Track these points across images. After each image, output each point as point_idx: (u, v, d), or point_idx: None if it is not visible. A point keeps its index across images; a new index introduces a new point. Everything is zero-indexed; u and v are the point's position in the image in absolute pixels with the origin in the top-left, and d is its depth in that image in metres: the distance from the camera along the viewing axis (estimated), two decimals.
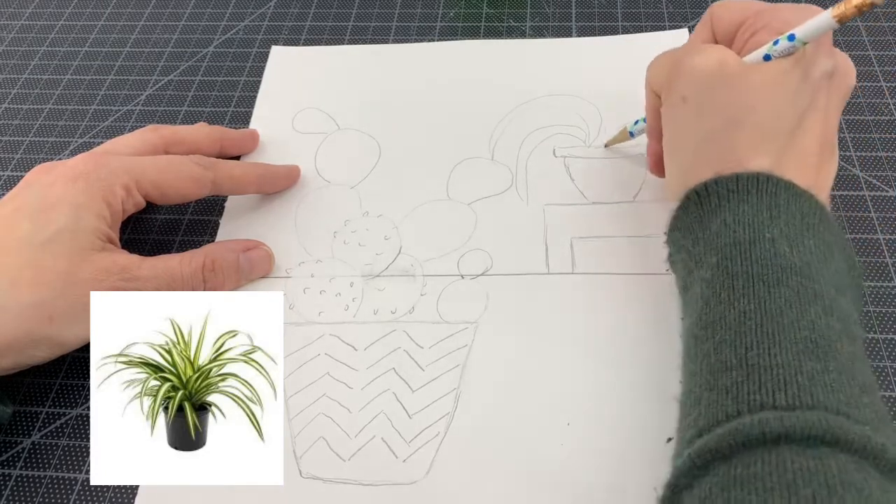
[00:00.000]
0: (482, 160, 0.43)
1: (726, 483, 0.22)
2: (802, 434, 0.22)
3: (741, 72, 0.30)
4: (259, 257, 0.39)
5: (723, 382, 0.25)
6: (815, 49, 0.30)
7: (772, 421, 0.22)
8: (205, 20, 0.54)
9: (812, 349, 0.24)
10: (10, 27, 0.56)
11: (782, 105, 0.30)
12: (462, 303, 0.37)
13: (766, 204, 0.28)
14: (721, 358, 0.25)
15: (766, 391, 0.23)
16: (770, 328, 0.25)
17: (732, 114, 0.30)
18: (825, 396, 0.23)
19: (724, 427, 0.23)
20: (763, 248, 0.27)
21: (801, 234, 0.27)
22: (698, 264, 0.29)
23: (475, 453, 0.32)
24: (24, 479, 0.34)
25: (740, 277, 0.26)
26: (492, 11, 0.53)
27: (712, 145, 0.30)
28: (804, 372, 0.24)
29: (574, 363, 0.35)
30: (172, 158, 0.38)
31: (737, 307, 0.26)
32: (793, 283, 0.26)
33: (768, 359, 0.24)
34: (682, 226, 0.31)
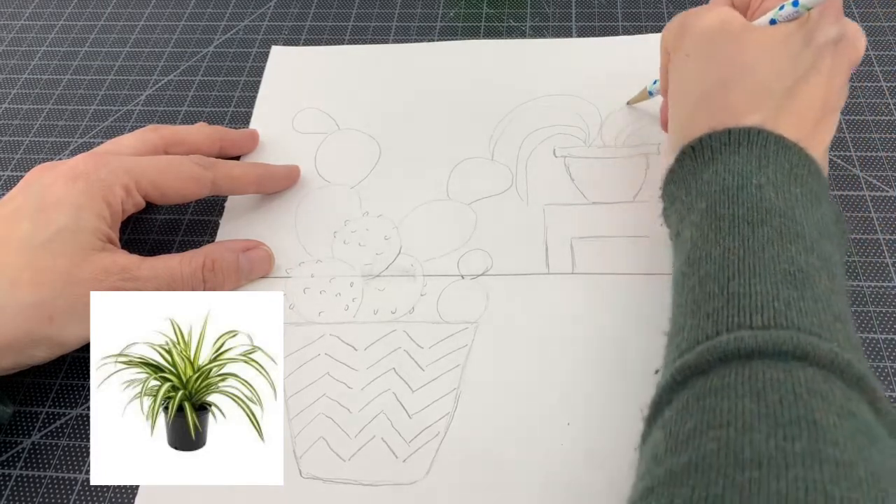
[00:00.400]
0: (482, 160, 0.43)
1: (702, 393, 0.24)
2: (774, 349, 0.23)
3: (743, 31, 0.32)
4: (259, 257, 0.39)
5: (705, 309, 0.26)
6: (820, 15, 0.31)
7: (746, 338, 0.24)
8: (205, 20, 0.54)
9: (790, 280, 0.26)
10: (10, 27, 0.56)
11: (781, 66, 0.31)
12: (462, 303, 0.37)
13: (755, 154, 0.29)
14: (705, 289, 0.27)
15: (745, 314, 0.25)
16: (752, 262, 0.26)
17: (731, 71, 0.31)
18: (799, 319, 0.24)
19: (703, 345, 0.25)
20: (749, 192, 0.28)
21: (788, 182, 0.29)
22: (689, 210, 0.30)
23: (475, 453, 0.32)
24: (24, 479, 0.34)
25: (726, 219, 0.28)
26: (492, 11, 0.53)
27: (710, 100, 0.32)
28: (781, 298, 0.25)
29: (574, 363, 0.35)
30: (172, 158, 0.38)
31: (722, 244, 0.27)
32: (776, 223, 0.27)
33: (748, 287, 0.26)
34: (677, 179, 0.32)
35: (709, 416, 0.23)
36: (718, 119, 0.31)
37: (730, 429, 0.22)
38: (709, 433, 0.22)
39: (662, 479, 0.22)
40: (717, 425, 0.22)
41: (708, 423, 0.23)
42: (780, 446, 0.21)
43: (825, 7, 0.32)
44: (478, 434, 0.33)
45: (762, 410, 0.22)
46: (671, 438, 0.23)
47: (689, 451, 0.22)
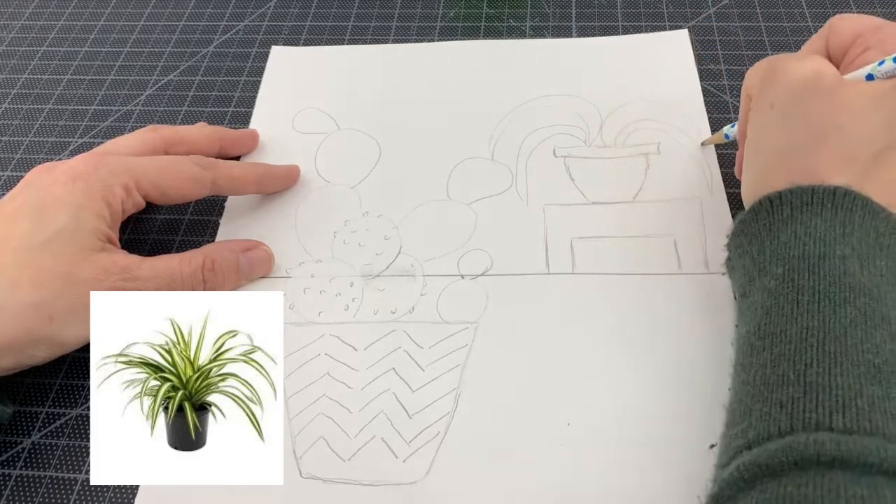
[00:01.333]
0: (482, 160, 0.43)
1: (774, 501, 0.21)
2: (858, 460, 0.21)
3: (835, 86, 0.29)
4: (259, 257, 0.39)
5: (777, 396, 0.24)
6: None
7: (828, 443, 0.22)
8: (205, 20, 0.54)
9: (874, 374, 0.23)
10: (10, 27, 0.56)
11: (872, 128, 0.29)
12: (462, 303, 0.37)
13: (839, 219, 0.27)
14: (778, 371, 0.24)
15: (824, 411, 0.23)
16: (832, 348, 0.24)
17: (818, 129, 0.29)
18: (884, 423, 0.22)
19: (776, 442, 0.23)
20: (832, 264, 0.26)
21: (874, 253, 0.26)
22: (762, 272, 0.28)
23: (475, 453, 0.32)
24: (24, 479, 0.34)
25: (806, 292, 0.26)
26: (492, 11, 0.53)
27: (792, 157, 0.30)
28: (865, 396, 0.23)
29: (574, 363, 0.35)
30: (172, 159, 0.38)
31: (800, 322, 0.25)
32: (860, 304, 0.25)
33: (828, 378, 0.23)
34: (749, 231, 0.30)
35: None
36: (800, 177, 0.29)
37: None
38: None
39: None
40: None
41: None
42: None
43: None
44: (478, 434, 0.33)
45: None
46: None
47: None
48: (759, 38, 0.49)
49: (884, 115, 0.29)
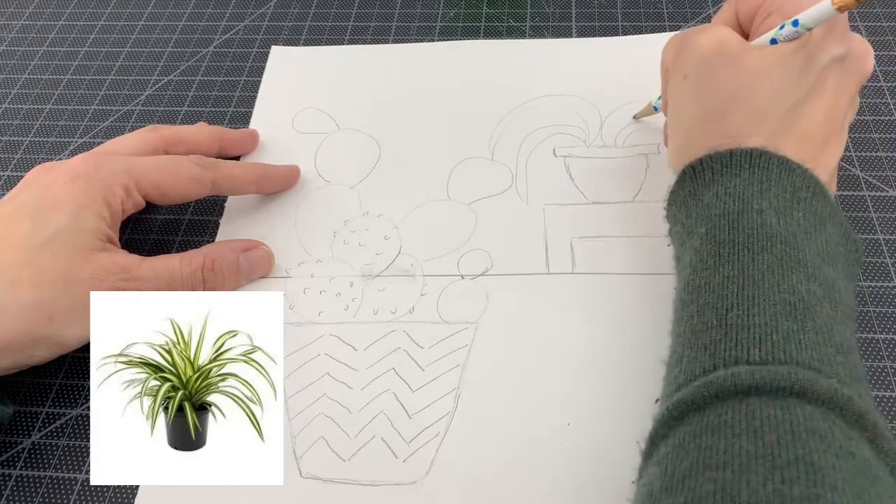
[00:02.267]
0: (482, 160, 0.43)
1: (698, 430, 0.23)
2: (771, 385, 0.23)
3: (741, 53, 0.31)
4: (259, 257, 0.39)
5: (702, 341, 0.26)
6: (823, 34, 0.30)
7: (743, 374, 0.23)
8: (205, 20, 0.54)
9: (790, 311, 0.25)
10: (10, 27, 0.56)
11: (780, 87, 0.30)
12: (462, 303, 0.37)
13: (757, 177, 0.29)
14: (703, 319, 0.26)
15: (742, 348, 0.24)
16: (751, 291, 0.26)
17: (729, 94, 0.31)
18: (798, 353, 0.24)
19: (700, 380, 0.24)
20: (750, 217, 0.28)
21: (791, 206, 0.28)
22: (690, 235, 0.30)
23: (475, 453, 0.32)
24: (24, 479, 0.34)
25: (726, 245, 0.27)
26: (492, 11, 0.53)
27: (708, 122, 0.31)
28: (780, 331, 0.24)
29: (574, 363, 0.35)
30: (172, 159, 0.38)
31: (721, 272, 0.27)
32: (776, 251, 0.27)
33: (746, 319, 0.25)
34: (677, 199, 0.31)
35: (705, 455, 0.22)
36: (719, 141, 0.30)
37: (726, 470, 0.21)
38: (705, 474, 0.22)
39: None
40: (714, 466, 0.22)
41: (704, 463, 0.22)
42: (777, 490, 0.20)
43: (829, 26, 0.30)
44: (478, 434, 0.33)
45: (759, 451, 0.21)
46: (666, 477, 0.23)
47: (685, 493, 0.22)
48: None
49: (788, 75, 0.30)
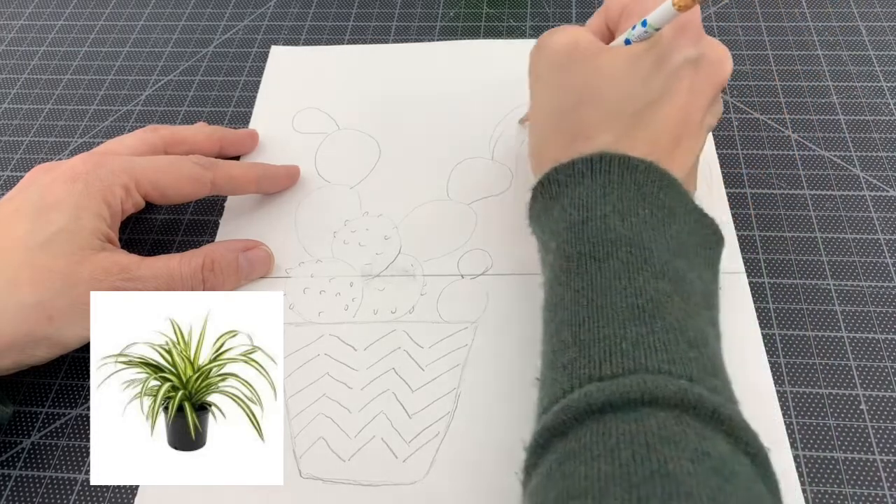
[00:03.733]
0: (482, 160, 0.43)
1: (562, 457, 0.23)
2: (622, 399, 0.23)
3: (592, 53, 0.31)
4: (259, 257, 0.39)
5: (561, 361, 0.26)
6: (674, 35, 0.31)
7: (594, 392, 0.23)
8: (205, 20, 0.54)
9: (638, 314, 0.25)
10: (10, 27, 0.56)
11: (629, 87, 0.30)
12: (462, 303, 0.37)
13: (599, 182, 0.29)
14: (561, 338, 0.26)
15: (594, 364, 0.24)
16: (599, 302, 0.26)
17: (580, 93, 0.31)
18: (647, 359, 0.24)
19: (559, 404, 0.24)
20: (594, 225, 0.28)
21: (635, 204, 0.28)
22: (546, 251, 0.30)
23: (475, 453, 0.32)
24: (24, 479, 0.34)
25: (574, 258, 0.27)
26: (492, 11, 0.53)
27: (562, 123, 0.31)
28: (628, 338, 0.24)
29: None
30: (172, 159, 0.38)
31: (571, 287, 0.27)
32: (622, 255, 0.27)
33: (597, 332, 0.25)
34: (532, 216, 0.32)
35: (568, 483, 0.22)
36: (571, 140, 0.30)
37: (587, 498, 0.21)
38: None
39: None
40: (577, 495, 0.22)
41: (568, 492, 0.22)
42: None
43: (680, 26, 0.30)
44: (478, 434, 0.33)
45: (616, 472, 0.21)
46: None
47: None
48: (760, 38, 0.49)
49: (638, 75, 0.31)
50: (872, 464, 0.31)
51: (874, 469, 0.31)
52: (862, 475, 0.31)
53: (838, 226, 0.39)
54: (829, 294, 0.36)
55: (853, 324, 0.35)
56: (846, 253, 0.38)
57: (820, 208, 0.40)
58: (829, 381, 0.34)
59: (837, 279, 0.37)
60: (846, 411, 0.33)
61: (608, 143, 0.30)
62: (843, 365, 0.34)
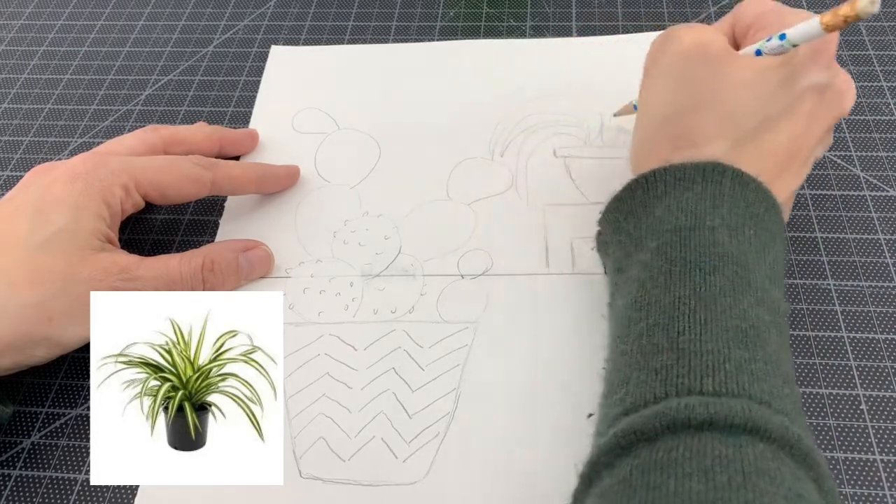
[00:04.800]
0: (482, 160, 0.43)
1: (647, 466, 0.22)
2: (725, 421, 0.22)
3: (721, 56, 0.31)
4: (259, 257, 0.39)
5: (653, 364, 0.25)
6: (809, 57, 0.30)
7: (697, 406, 0.23)
8: (204, 20, 0.54)
9: (741, 338, 0.25)
10: (9, 27, 0.56)
11: (752, 100, 0.30)
12: (462, 303, 0.37)
13: (710, 192, 0.28)
14: (653, 340, 0.26)
15: (695, 376, 0.24)
16: (703, 315, 0.25)
17: (700, 95, 0.30)
18: (750, 385, 0.23)
19: (650, 408, 0.24)
20: (703, 235, 0.27)
21: (743, 222, 0.28)
22: (638, 247, 0.29)
23: (475, 453, 0.32)
24: (24, 479, 0.34)
25: (678, 263, 0.27)
26: (492, 11, 0.52)
27: (675, 121, 0.31)
28: (732, 360, 0.24)
29: (574, 363, 0.34)
30: (171, 159, 0.38)
31: (672, 292, 0.26)
32: (728, 272, 0.26)
33: (699, 344, 0.24)
34: (624, 208, 0.31)
35: (654, 495, 0.21)
36: (681, 141, 0.30)
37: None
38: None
39: None
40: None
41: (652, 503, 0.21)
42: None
43: (816, 49, 0.30)
44: (478, 434, 0.33)
45: (710, 495, 0.21)
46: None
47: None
48: None
49: (765, 88, 0.30)
50: (872, 464, 0.31)
51: (874, 469, 0.31)
52: (862, 475, 0.31)
53: (838, 226, 0.39)
54: (829, 294, 0.36)
55: (853, 324, 0.35)
56: (846, 253, 0.38)
57: (820, 208, 0.40)
58: (829, 381, 0.34)
59: (837, 279, 0.37)
60: (846, 411, 0.33)
61: (720, 152, 0.29)
62: (843, 365, 0.34)
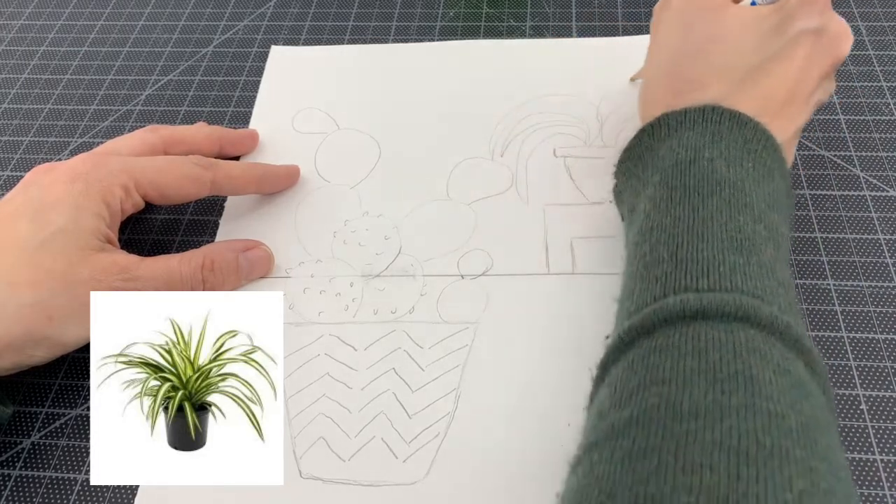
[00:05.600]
0: (482, 160, 0.43)
1: (647, 352, 0.25)
2: (717, 311, 0.24)
3: (721, 6, 0.34)
4: (259, 257, 0.39)
5: (654, 273, 0.27)
6: (800, 4, 0.32)
7: (691, 300, 0.25)
8: (204, 20, 0.54)
9: (737, 247, 0.27)
10: (9, 27, 0.56)
11: (749, 43, 0.32)
12: (462, 303, 0.37)
13: (709, 130, 0.30)
14: (655, 255, 0.28)
15: (691, 277, 0.26)
16: (700, 229, 0.27)
17: (700, 41, 0.33)
18: (743, 282, 0.25)
19: (650, 307, 0.26)
20: (701, 165, 0.29)
21: (741, 156, 0.30)
22: (645, 185, 0.31)
23: (475, 453, 0.32)
24: (24, 479, 0.34)
25: (678, 189, 0.29)
26: (492, 11, 0.52)
27: (676, 69, 0.34)
28: (727, 263, 0.26)
29: (574, 363, 0.34)
30: (171, 159, 0.38)
31: (672, 213, 0.28)
32: (725, 194, 0.28)
33: (696, 253, 0.27)
34: (633, 156, 0.33)
35: (652, 373, 0.24)
36: (679, 90, 0.32)
37: (671, 385, 0.23)
38: (651, 389, 0.23)
39: (605, 434, 0.23)
40: (660, 381, 0.23)
41: (651, 379, 0.23)
42: (716, 400, 0.22)
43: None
44: (478, 434, 0.33)
45: (702, 367, 0.23)
46: (616, 395, 0.24)
47: (632, 406, 0.23)
48: None
49: (758, 33, 0.33)
50: (872, 464, 0.31)
51: (874, 469, 0.31)
52: (862, 475, 0.31)
53: (838, 226, 0.39)
54: (829, 294, 0.36)
55: (853, 324, 0.35)
56: (846, 253, 0.38)
57: (820, 208, 0.40)
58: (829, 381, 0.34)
59: (837, 279, 0.37)
60: (846, 411, 0.33)
61: (719, 96, 0.31)
62: (843, 365, 0.34)
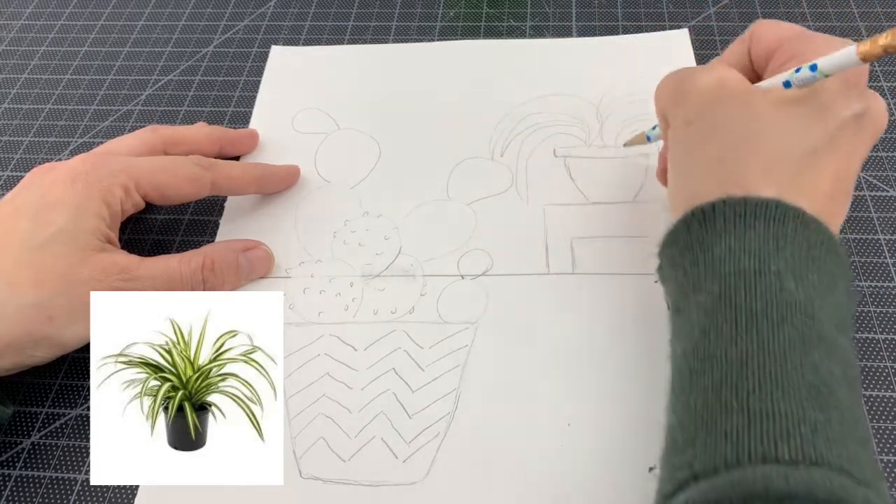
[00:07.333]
0: (482, 160, 0.43)
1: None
2: (806, 496, 0.21)
3: (742, 92, 0.29)
4: (259, 257, 0.39)
5: (722, 426, 0.23)
6: (841, 86, 0.28)
7: (776, 479, 0.21)
8: (204, 20, 0.54)
9: (815, 396, 0.23)
10: (10, 27, 0.56)
11: (788, 136, 0.28)
12: (462, 303, 0.37)
13: (773, 232, 0.26)
14: (720, 398, 0.24)
15: (769, 441, 0.22)
16: (773, 371, 0.24)
17: (737, 139, 0.29)
18: (828, 451, 0.22)
19: (723, 477, 0.22)
20: (768, 280, 0.25)
21: (806, 266, 0.26)
22: (696, 288, 0.27)
23: (475, 453, 0.32)
24: (24, 479, 0.34)
25: (743, 312, 0.25)
26: (492, 11, 0.52)
27: (719, 168, 0.29)
28: (807, 422, 0.23)
29: (574, 364, 0.35)
30: (171, 159, 0.38)
31: (739, 345, 0.25)
32: (797, 323, 0.25)
33: (771, 405, 0.23)
34: (681, 243, 0.29)
35: None
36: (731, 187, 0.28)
37: None
38: None
39: None
40: None
41: None
42: None
43: (847, 78, 0.28)
44: (478, 434, 0.33)
45: None
46: None
47: None
48: None
49: (799, 122, 0.28)
50: None
51: None
52: None
53: None
54: None
55: (853, 324, 0.35)
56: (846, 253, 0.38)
57: None
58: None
59: None
60: None
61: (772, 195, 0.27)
62: None
